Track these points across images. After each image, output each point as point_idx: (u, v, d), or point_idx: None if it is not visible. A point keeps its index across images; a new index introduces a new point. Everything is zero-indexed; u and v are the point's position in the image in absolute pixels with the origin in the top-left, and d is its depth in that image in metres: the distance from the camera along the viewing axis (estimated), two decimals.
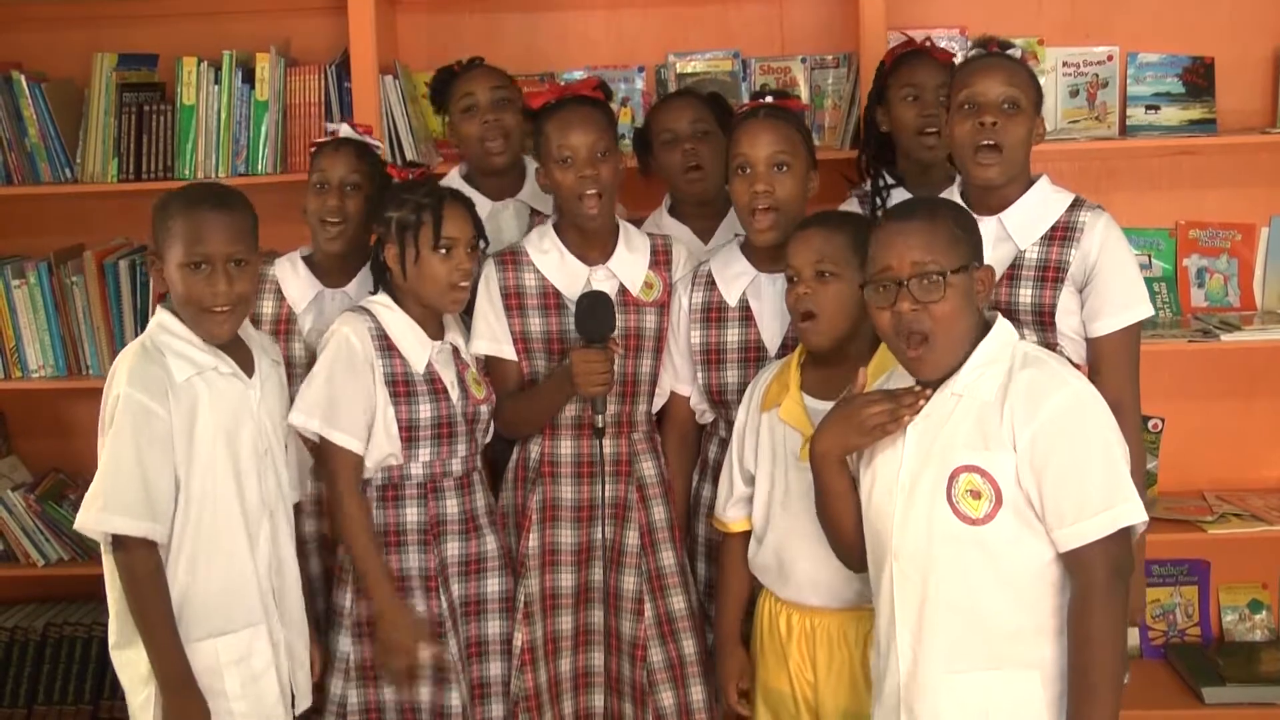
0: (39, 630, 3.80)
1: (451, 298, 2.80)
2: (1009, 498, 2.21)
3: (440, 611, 2.81)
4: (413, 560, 2.81)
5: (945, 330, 2.26)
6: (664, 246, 2.99)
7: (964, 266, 2.27)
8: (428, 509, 2.82)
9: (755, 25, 3.80)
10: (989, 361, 2.27)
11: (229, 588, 2.58)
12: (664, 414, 3.01)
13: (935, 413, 2.29)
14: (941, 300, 2.25)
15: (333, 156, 3.00)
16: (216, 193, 2.65)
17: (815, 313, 2.57)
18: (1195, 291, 3.75)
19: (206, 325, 2.57)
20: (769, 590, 2.71)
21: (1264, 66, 3.69)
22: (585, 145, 2.81)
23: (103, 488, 2.48)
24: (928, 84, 3.01)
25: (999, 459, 2.21)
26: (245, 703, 2.58)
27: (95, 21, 3.80)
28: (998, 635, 2.24)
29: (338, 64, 3.63)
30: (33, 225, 3.87)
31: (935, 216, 2.33)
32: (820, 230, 2.62)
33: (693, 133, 3.18)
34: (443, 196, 2.80)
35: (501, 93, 3.22)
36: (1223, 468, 3.77)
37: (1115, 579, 2.19)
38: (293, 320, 3.00)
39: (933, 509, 2.26)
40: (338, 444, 2.75)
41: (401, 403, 2.78)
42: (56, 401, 3.91)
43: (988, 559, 2.23)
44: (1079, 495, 2.18)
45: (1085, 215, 2.65)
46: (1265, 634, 3.77)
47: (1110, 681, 2.18)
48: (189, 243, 2.54)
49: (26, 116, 3.66)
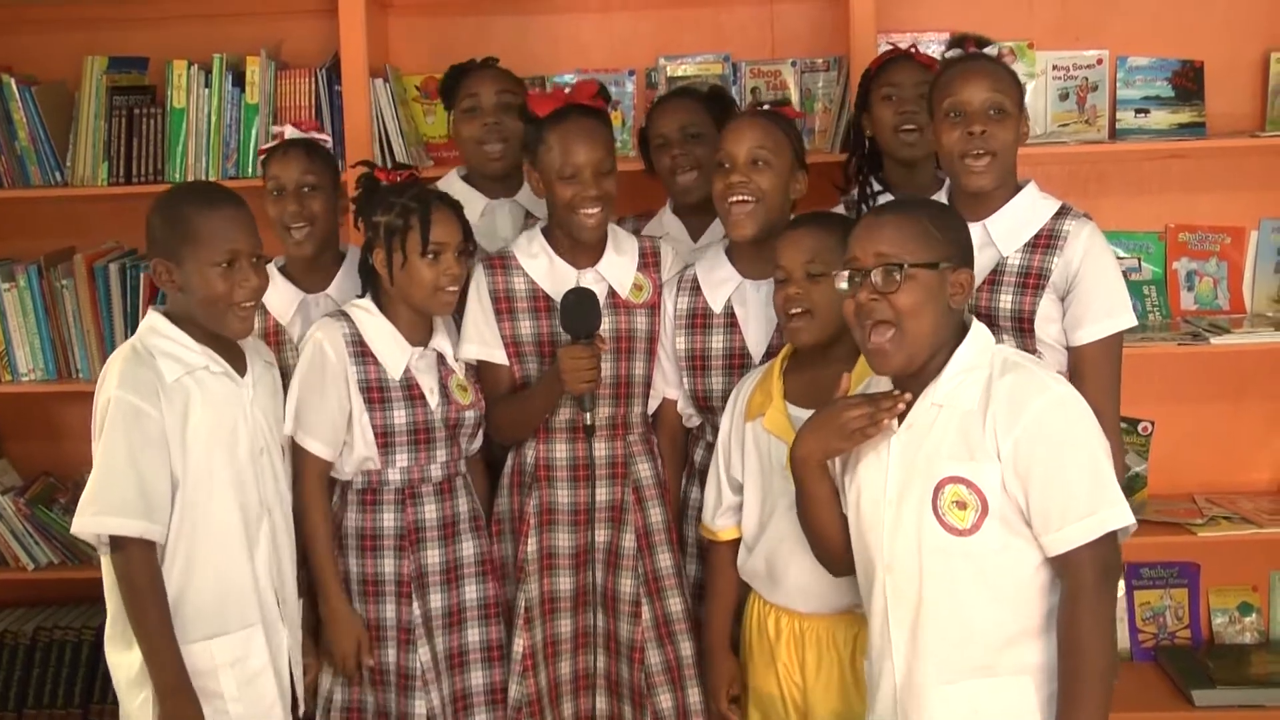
0: (29, 634, 3.79)
1: (440, 300, 2.80)
2: (995, 507, 2.21)
3: (411, 619, 2.81)
4: (388, 566, 2.81)
5: (910, 323, 2.24)
6: (653, 248, 2.99)
7: (932, 263, 2.25)
8: (405, 515, 2.82)
9: (746, 28, 3.80)
10: (967, 369, 2.27)
11: (226, 588, 2.57)
12: (656, 417, 3.00)
13: (917, 424, 2.29)
14: (898, 292, 2.23)
15: (283, 161, 2.98)
16: (225, 190, 2.65)
17: (809, 310, 2.57)
18: (1185, 294, 3.76)
19: (232, 322, 2.57)
20: (758, 593, 2.71)
21: (1253, 70, 3.70)
22: (590, 164, 2.80)
23: (97, 490, 2.47)
24: (905, 83, 3.01)
25: (984, 469, 2.21)
26: (242, 705, 2.57)
27: (86, 24, 3.80)
28: (989, 644, 2.24)
29: (328, 67, 3.63)
30: (23, 228, 3.87)
31: (910, 212, 2.33)
32: (811, 230, 2.62)
33: (682, 137, 3.17)
34: (430, 201, 2.79)
35: (507, 97, 3.20)
36: (1212, 470, 3.78)
37: (1103, 581, 2.20)
38: (281, 331, 2.99)
39: (920, 522, 2.25)
40: (306, 449, 2.76)
41: (376, 409, 2.78)
42: (46, 405, 3.90)
43: (976, 570, 2.23)
44: (1064, 500, 2.18)
45: (1070, 224, 2.65)
46: (1255, 636, 3.77)
47: (1099, 683, 2.18)
48: (219, 241, 2.53)
49: (16, 119, 3.66)
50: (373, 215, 2.81)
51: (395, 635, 2.81)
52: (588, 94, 2.89)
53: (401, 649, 2.81)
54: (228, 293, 2.54)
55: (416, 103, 3.77)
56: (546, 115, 2.85)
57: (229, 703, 2.56)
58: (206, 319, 2.57)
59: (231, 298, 2.54)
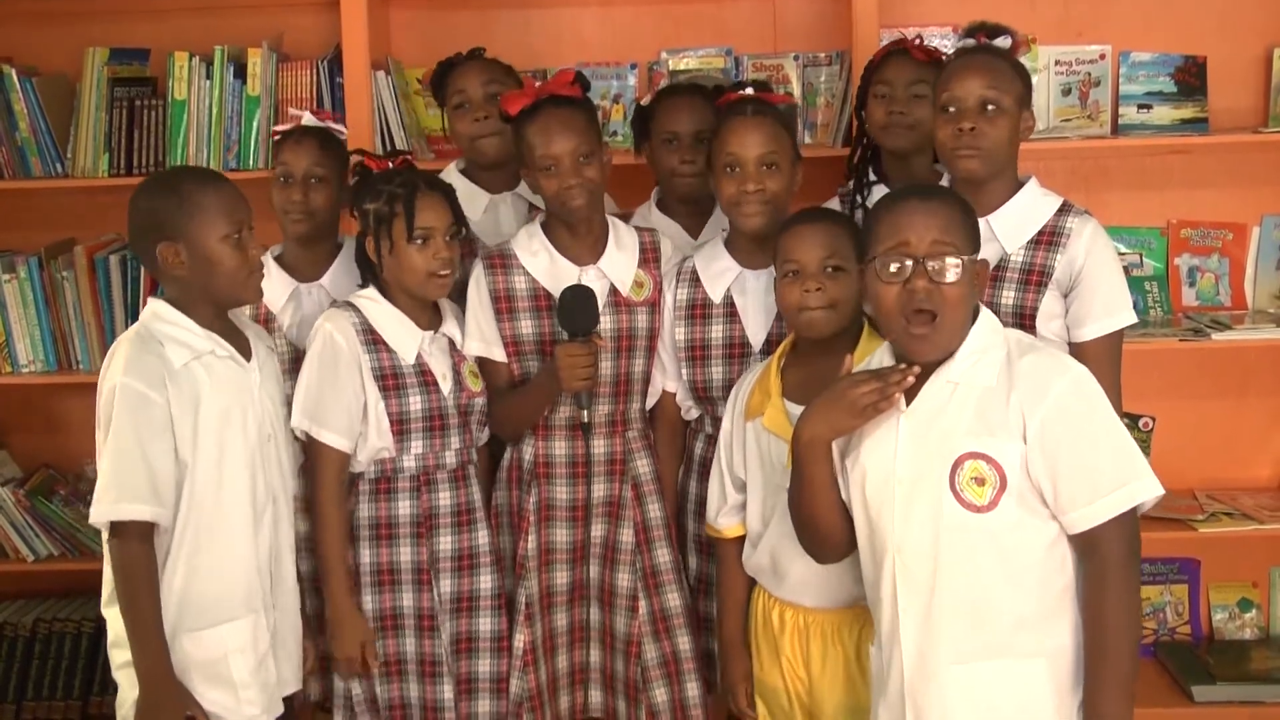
0: (28, 626, 3.79)
1: (434, 285, 2.79)
2: (1013, 483, 2.21)
3: (433, 605, 2.81)
4: (404, 554, 2.81)
5: (953, 313, 2.26)
6: (652, 243, 2.98)
7: (974, 252, 2.29)
8: (420, 502, 2.81)
9: (748, 22, 3.80)
10: (983, 349, 2.28)
11: (234, 574, 2.57)
12: (654, 410, 3.00)
13: (929, 403, 2.28)
14: (955, 284, 2.24)
15: (295, 149, 2.98)
16: (210, 170, 2.69)
17: (830, 304, 2.58)
18: (1186, 290, 3.75)
19: (251, 288, 2.61)
20: (763, 588, 2.71)
21: (1256, 66, 3.70)
22: (568, 153, 2.79)
23: (113, 478, 2.47)
24: (898, 80, 3.01)
25: (1005, 445, 2.21)
26: (253, 689, 2.57)
27: (87, 16, 3.79)
28: (1004, 624, 2.23)
29: (330, 59, 3.62)
30: (23, 220, 3.86)
31: (954, 201, 2.34)
32: (825, 226, 2.63)
33: (694, 141, 3.13)
34: (416, 186, 2.77)
35: (495, 87, 3.17)
36: (1213, 467, 3.78)
37: (1130, 558, 2.21)
38: (271, 319, 2.98)
39: (937, 500, 2.25)
40: (324, 443, 2.75)
41: (391, 396, 2.78)
42: (47, 396, 3.90)
43: (993, 547, 2.23)
44: (1093, 475, 2.19)
45: (1073, 221, 2.66)
46: (1255, 633, 3.77)
47: (1128, 660, 2.19)
48: (227, 214, 2.55)
49: (17, 111, 3.65)
50: (361, 204, 2.81)
51: (417, 623, 2.81)
52: (563, 83, 2.86)
53: (425, 636, 2.81)
54: (245, 261, 2.56)
55: (418, 95, 3.75)
56: (517, 113, 2.84)
57: (241, 689, 2.56)
58: (225, 292, 2.58)
59: (250, 264, 2.57)
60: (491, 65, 3.25)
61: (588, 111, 2.87)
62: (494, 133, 3.13)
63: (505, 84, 3.19)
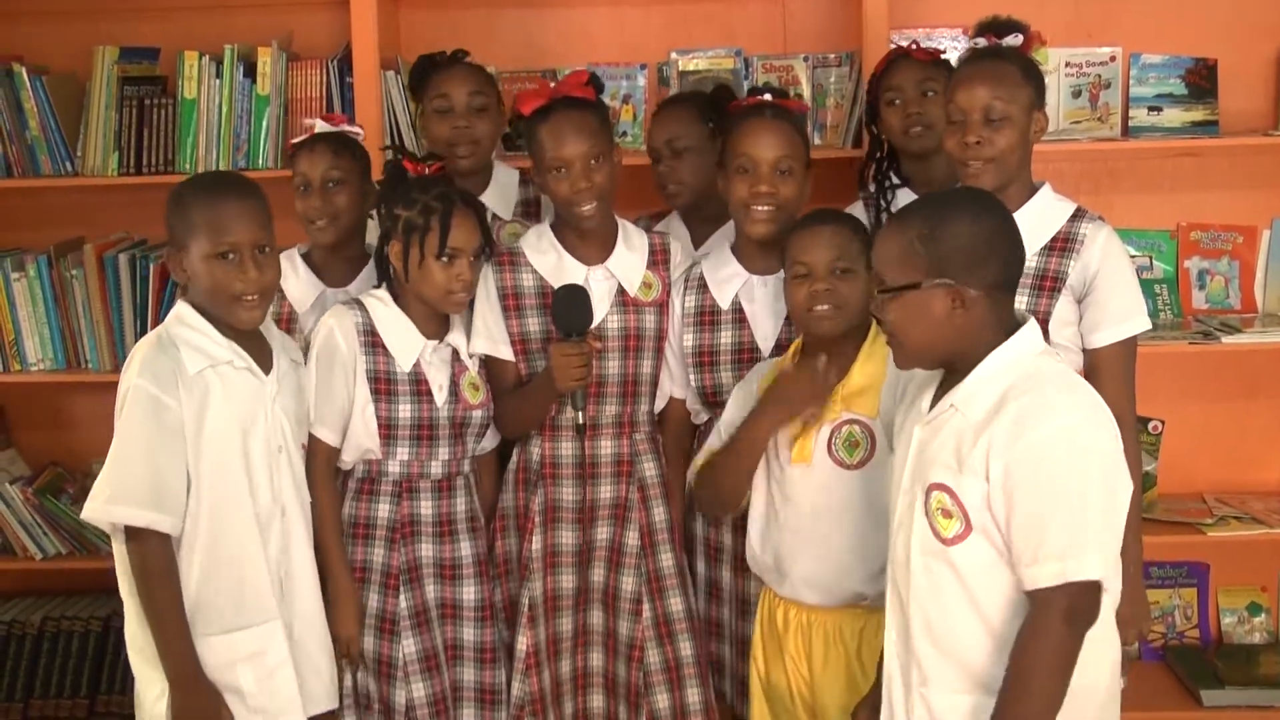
0: (36, 624, 3.79)
1: (451, 302, 2.79)
2: (978, 523, 2.14)
3: (396, 611, 2.80)
4: (377, 555, 2.82)
5: (899, 333, 2.21)
6: (662, 245, 2.98)
7: (913, 284, 2.17)
8: (400, 508, 2.82)
9: (758, 23, 3.79)
10: (991, 377, 2.16)
11: (242, 582, 2.56)
12: (662, 414, 3.00)
13: (937, 420, 2.23)
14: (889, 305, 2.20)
15: (309, 157, 2.97)
16: (234, 180, 2.63)
17: (838, 306, 2.58)
18: (1196, 293, 3.75)
19: (237, 314, 2.54)
20: (768, 586, 2.72)
21: (1267, 68, 3.69)
22: (579, 156, 2.78)
23: (110, 478, 2.46)
24: (906, 84, 3.02)
25: (968, 483, 2.13)
26: (260, 699, 2.56)
27: (97, 14, 3.80)
28: (968, 659, 2.17)
29: (340, 59, 3.63)
30: (33, 218, 3.86)
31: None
32: (835, 228, 2.63)
33: (670, 151, 3.14)
34: (454, 203, 2.75)
35: (480, 99, 3.14)
36: (1223, 470, 3.77)
37: (1066, 626, 2.08)
38: (294, 319, 2.98)
39: (915, 519, 2.22)
40: (316, 435, 2.76)
41: (382, 400, 2.78)
42: (55, 395, 3.91)
43: (957, 580, 2.17)
44: (1038, 538, 2.08)
45: (1086, 227, 2.66)
46: (1264, 637, 3.76)
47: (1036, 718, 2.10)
48: (215, 233, 2.50)
49: (27, 109, 3.66)
50: (395, 207, 2.79)
51: (377, 624, 2.81)
52: (577, 83, 2.86)
53: (384, 638, 2.81)
54: (226, 285, 2.51)
55: None
56: (532, 112, 2.83)
57: (248, 698, 2.55)
58: (213, 309, 2.55)
59: (230, 290, 2.51)
60: (478, 73, 3.21)
61: (600, 114, 2.87)
62: (471, 142, 3.13)
63: (489, 96, 3.17)
